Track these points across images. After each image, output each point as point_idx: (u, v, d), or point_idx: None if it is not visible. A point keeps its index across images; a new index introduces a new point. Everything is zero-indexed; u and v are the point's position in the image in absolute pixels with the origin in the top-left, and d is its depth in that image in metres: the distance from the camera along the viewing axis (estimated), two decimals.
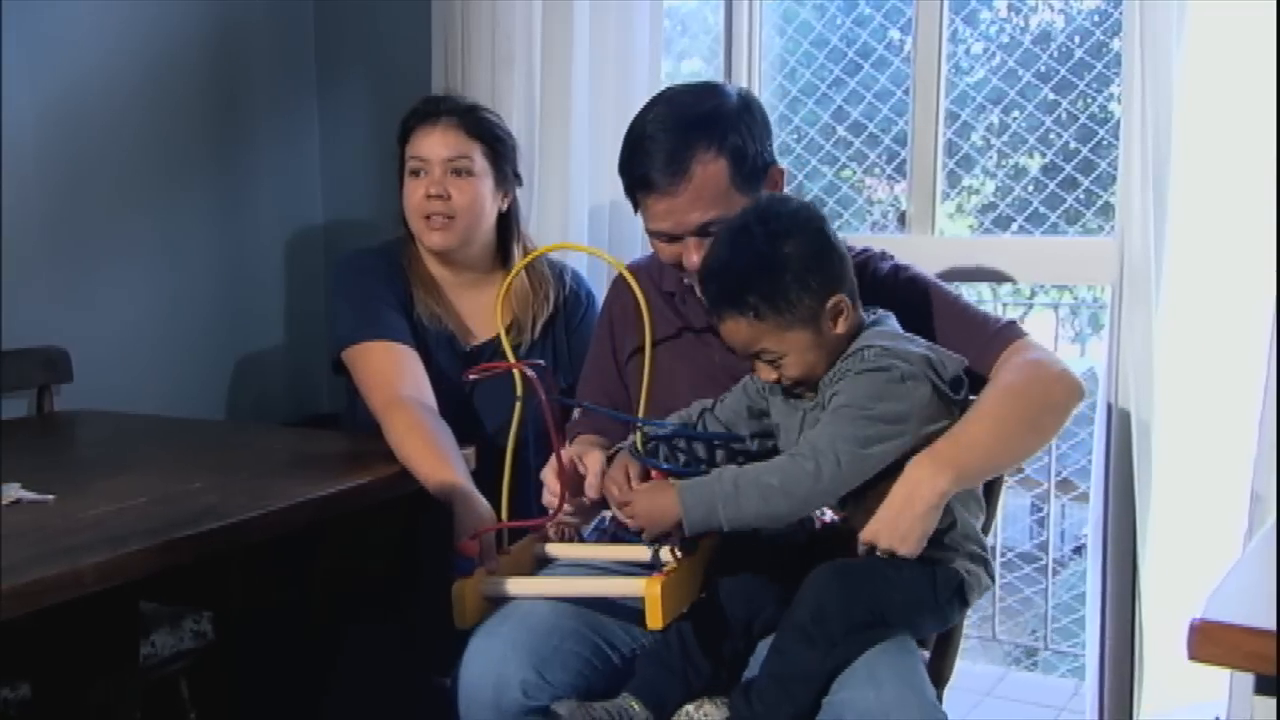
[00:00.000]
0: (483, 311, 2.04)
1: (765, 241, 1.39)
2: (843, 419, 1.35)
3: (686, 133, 1.54)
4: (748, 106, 1.60)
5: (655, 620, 1.34)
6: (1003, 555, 3.11)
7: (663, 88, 1.69)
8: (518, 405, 1.61)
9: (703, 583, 1.47)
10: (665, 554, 1.42)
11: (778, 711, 1.33)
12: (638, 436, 1.49)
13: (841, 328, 1.41)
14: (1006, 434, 1.44)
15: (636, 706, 1.37)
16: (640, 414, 1.62)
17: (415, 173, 1.97)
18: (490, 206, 2.00)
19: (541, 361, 1.63)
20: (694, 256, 1.56)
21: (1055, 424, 1.51)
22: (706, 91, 1.62)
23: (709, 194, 1.54)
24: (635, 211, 1.63)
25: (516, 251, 2.05)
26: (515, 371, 1.60)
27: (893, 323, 1.47)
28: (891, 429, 1.35)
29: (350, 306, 1.95)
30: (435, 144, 1.96)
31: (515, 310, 2.03)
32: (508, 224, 2.05)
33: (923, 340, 1.45)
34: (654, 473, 1.44)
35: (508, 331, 2.00)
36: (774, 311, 1.38)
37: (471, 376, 1.59)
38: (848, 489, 1.35)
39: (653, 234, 1.61)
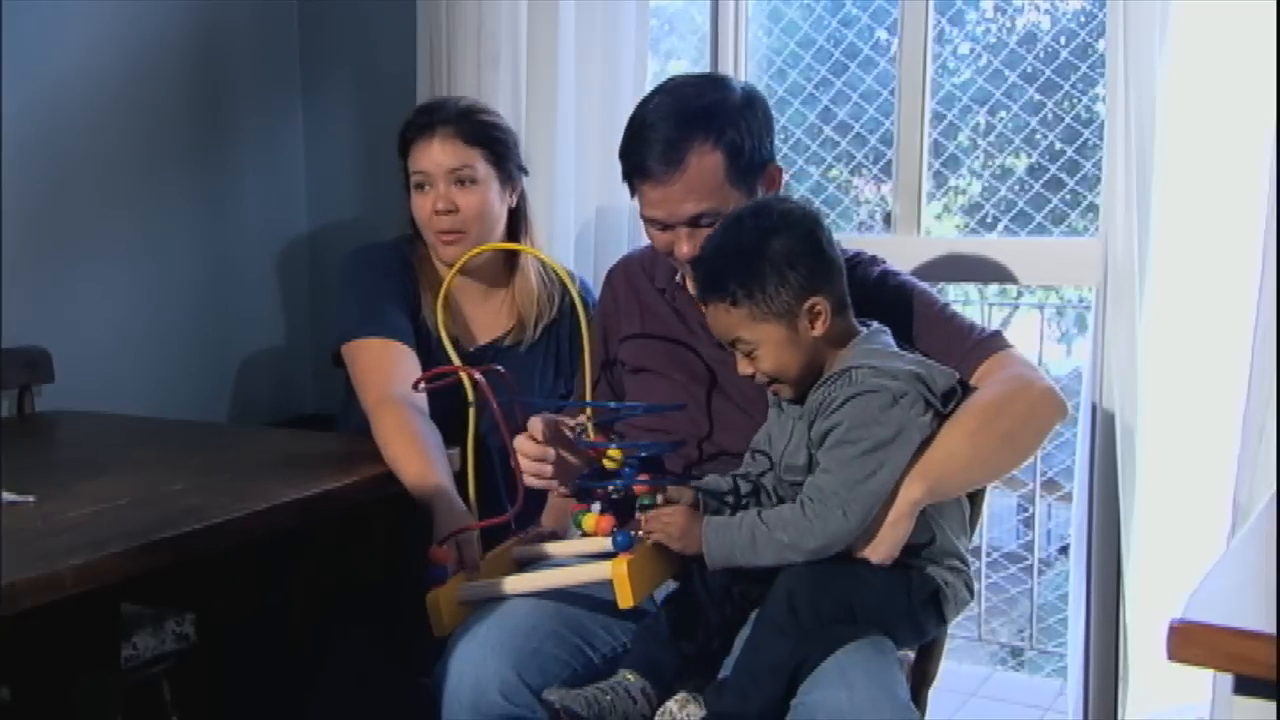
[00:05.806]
0: (487, 314, 2.04)
1: (753, 233, 1.42)
2: (839, 460, 1.37)
3: (685, 124, 1.54)
4: (750, 102, 1.60)
5: (625, 599, 1.36)
6: (988, 555, 3.11)
7: (650, 87, 1.69)
8: (471, 410, 1.61)
9: (681, 560, 1.47)
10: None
11: (748, 702, 1.34)
12: (589, 422, 1.57)
13: (819, 330, 1.42)
14: (984, 449, 1.44)
15: (632, 677, 1.39)
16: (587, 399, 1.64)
17: (419, 186, 1.95)
18: (500, 209, 1.99)
19: (499, 367, 1.64)
20: (684, 247, 1.57)
21: (1035, 442, 1.52)
22: (710, 84, 1.62)
23: (702, 186, 1.54)
24: (632, 197, 1.63)
25: (525, 243, 2.02)
26: (464, 376, 1.61)
27: (886, 338, 1.47)
28: (887, 452, 1.37)
29: (355, 301, 1.94)
30: (435, 156, 1.93)
31: (520, 308, 2.03)
32: (515, 220, 2.03)
33: (913, 355, 1.46)
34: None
35: (510, 331, 2.01)
36: (749, 300, 1.40)
37: (420, 386, 1.59)
38: (863, 525, 1.36)
39: (647, 220, 1.61)
